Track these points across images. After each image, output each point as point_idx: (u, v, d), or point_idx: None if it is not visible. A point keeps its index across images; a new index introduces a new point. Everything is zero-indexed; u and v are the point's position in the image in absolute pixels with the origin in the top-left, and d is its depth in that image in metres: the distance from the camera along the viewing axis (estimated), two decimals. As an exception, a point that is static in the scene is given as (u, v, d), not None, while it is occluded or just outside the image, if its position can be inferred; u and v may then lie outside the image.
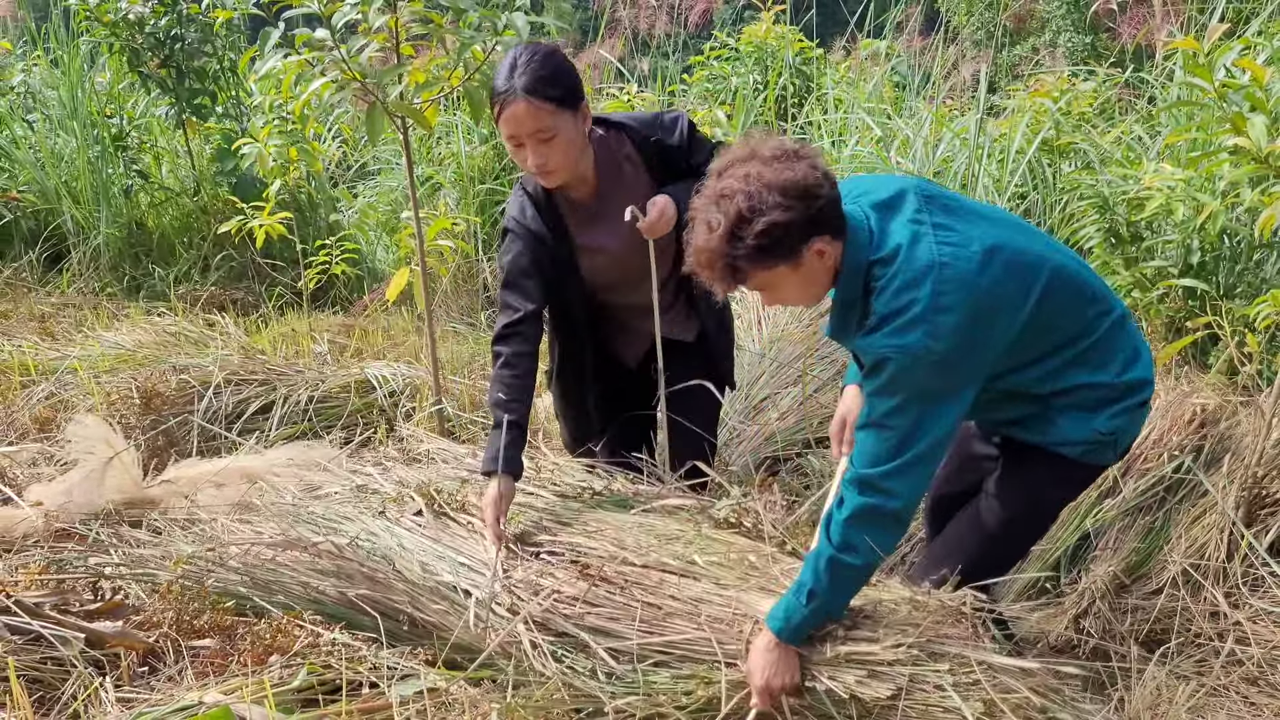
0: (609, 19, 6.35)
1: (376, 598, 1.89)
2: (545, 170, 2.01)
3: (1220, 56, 2.60)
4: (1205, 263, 3.08)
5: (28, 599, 1.85)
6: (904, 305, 1.51)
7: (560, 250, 2.15)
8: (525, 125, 1.95)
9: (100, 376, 3.26)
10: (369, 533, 2.03)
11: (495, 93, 1.97)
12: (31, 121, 5.49)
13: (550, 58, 1.96)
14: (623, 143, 2.16)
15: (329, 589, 1.93)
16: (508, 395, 2.06)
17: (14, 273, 5.03)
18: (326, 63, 2.53)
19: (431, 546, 1.98)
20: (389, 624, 1.86)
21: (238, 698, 1.64)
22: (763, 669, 1.57)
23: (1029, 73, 5.57)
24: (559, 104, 1.95)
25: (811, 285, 1.60)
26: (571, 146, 2.01)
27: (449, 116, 5.33)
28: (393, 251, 5.30)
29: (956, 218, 1.62)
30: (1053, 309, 1.63)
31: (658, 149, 2.16)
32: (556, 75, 1.95)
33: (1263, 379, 2.73)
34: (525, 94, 1.92)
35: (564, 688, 1.68)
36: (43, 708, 1.71)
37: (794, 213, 1.49)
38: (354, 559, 1.95)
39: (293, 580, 1.96)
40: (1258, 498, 2.23)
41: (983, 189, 3.72)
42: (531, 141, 1.97)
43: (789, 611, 1.57)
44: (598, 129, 2.15)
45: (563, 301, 2.21)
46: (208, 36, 4.90)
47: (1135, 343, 1.75)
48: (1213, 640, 2.06)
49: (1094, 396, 1.70)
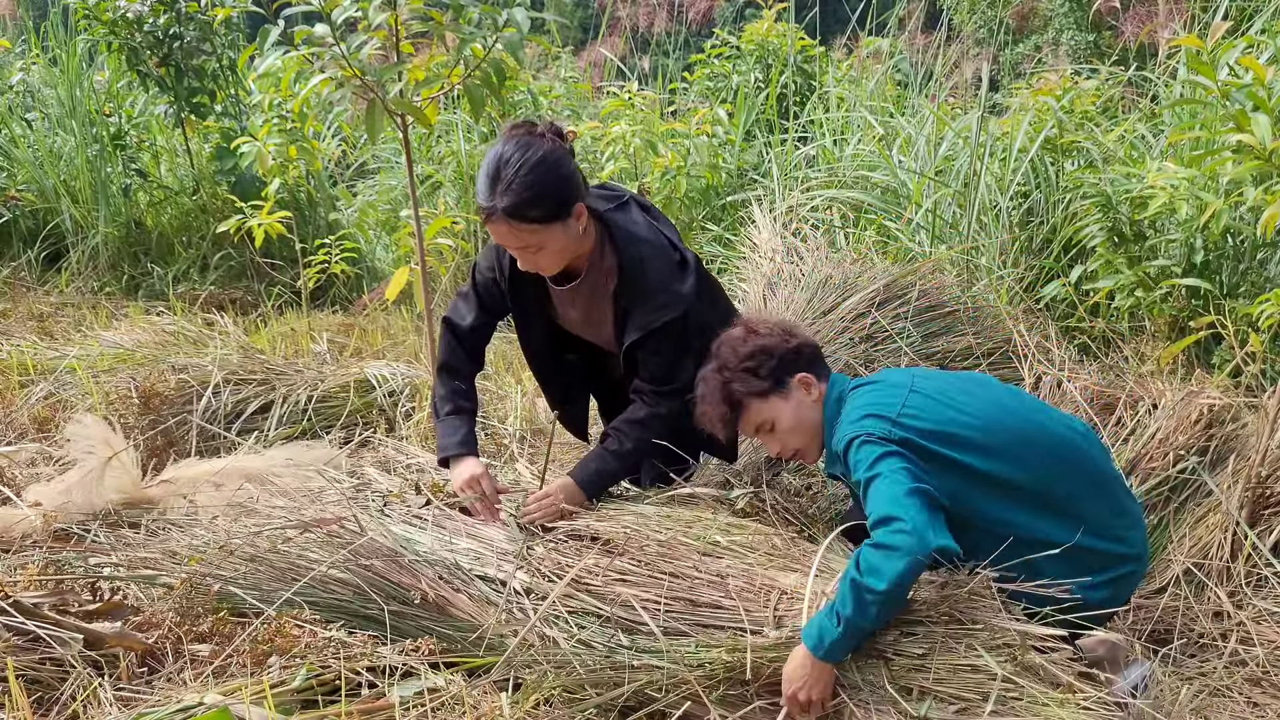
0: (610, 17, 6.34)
1: (396, 579, 1.88)
2: (538, 269, 2.01)
3: (1223, 54, 2.59)
4: (1208, 262, 3.07)
5: (26, 599, 1.84)
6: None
7: (527, 291, 2.17)
8: (509, 242, 1.95)
9: (99, 376, 3.25)
10: (380, 524, 2.03)
11: (479, 201, 1.92)
12: (30, 120, 5.48)
13: (536, 170, 1.87)
14: (611, 274, 2.07)
15: (343, 573, 1.91)
16: (454, 393, 2.18)
17: (13, 272, 5.03)
18: (326, 60, 2.52)
19: (444, 536, 1.98)
20: (401, 610, 1.85)
21: (237, 698, 1.63)
22: (795, 680, 1.59)
23: (1032, 71, 5.55)
24: (544, 223, 1.90)
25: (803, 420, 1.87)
26: (562, 252, 1.98)
27: (449, 114, 5.32)
28: (392, 250, 5.29)
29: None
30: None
31: (625, 311, 2.06)
32: (541, 194, 1.87)
33: (1266, 378, 2.72)
34: (507, 216, 1.87)
35: (592, 663, 1.68)
36: (42, 708, 1.70)
37: (773, 346, 1.87)
38: (376, 533, 1.96)
39: (304, 565, 1.95)
40: (1262, 498, 2.22)
41: (985, 188, 3.71)
42: (518, 251, 1.97)
43: (822, 631, 1.58)
44: (606, 227, 2.06)
45: (529, 327, 2.26)
46: (206, 35, 4.88)
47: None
48: (1216, 640, 2.05)
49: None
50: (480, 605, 1.83)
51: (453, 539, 1.97)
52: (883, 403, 1.77)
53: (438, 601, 1.85)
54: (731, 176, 4.86)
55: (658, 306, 2.00)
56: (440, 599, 1.85)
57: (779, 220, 3.67)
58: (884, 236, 3.89)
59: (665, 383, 2.06)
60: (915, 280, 2.95)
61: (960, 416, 1.74)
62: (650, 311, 2.01)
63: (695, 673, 1.63)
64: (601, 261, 2.07)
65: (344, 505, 2.06)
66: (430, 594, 1.85)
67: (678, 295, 2.02)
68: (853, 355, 2.77)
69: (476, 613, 1.82)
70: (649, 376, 2.07)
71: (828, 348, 3.20)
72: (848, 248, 3.56)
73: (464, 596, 1.85)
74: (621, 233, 2.04)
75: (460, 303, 2.24)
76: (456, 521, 2.03)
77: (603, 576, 1.79)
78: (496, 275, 2.17)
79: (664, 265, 2.04)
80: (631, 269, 2.02)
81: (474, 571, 1.88)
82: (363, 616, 1.91)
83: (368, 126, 2.61)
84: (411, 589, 1.86)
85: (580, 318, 2.18)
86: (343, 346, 3.99)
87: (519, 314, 2.22)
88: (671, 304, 2.01)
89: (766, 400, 1.85)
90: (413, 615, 1.88)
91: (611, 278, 2.06)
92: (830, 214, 4.04)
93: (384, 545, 1.94)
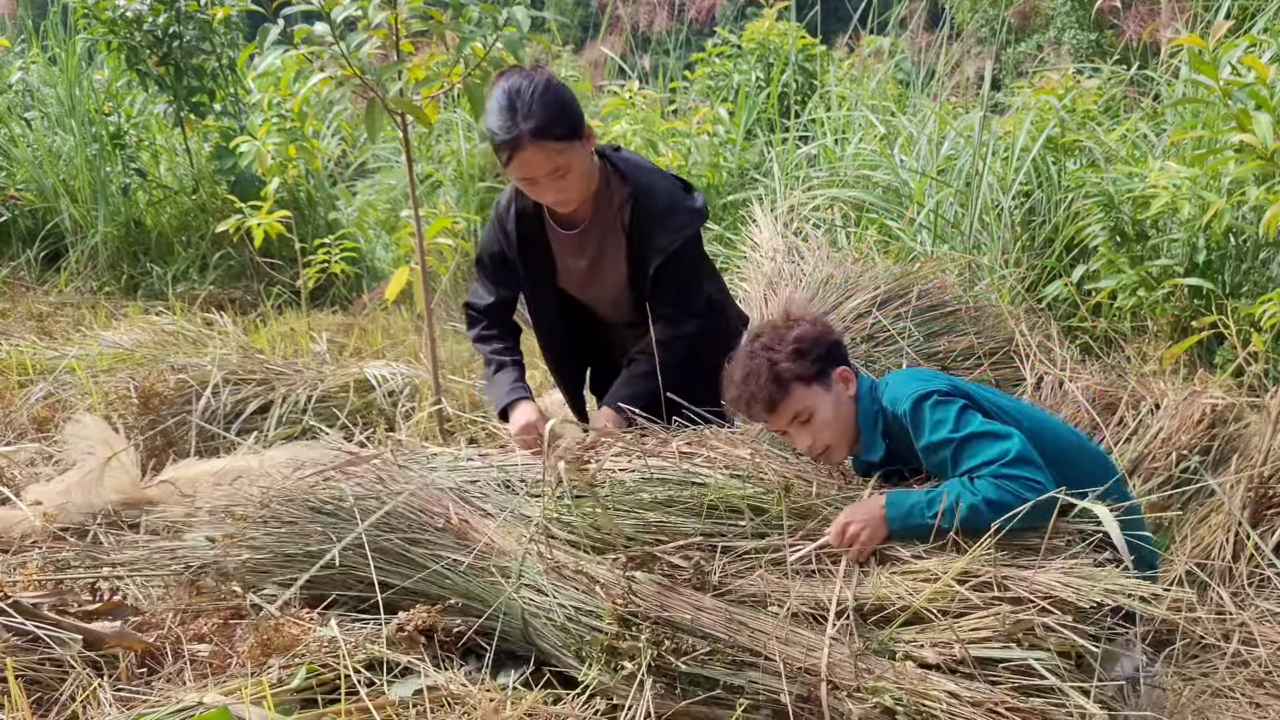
0: (610, 15, 6.34)
1: (421, 505, 1.91)
2: (562, 203, 2.03)
3: (1225, 54, 2.58)
4: (1211, 261, 3.07)
5: (26, 599, 1.83)
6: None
7: (536, 260, 2.19)
8: (541, 169, 1.94)
9: (98, 376, 3.24)
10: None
11: (499, 138, 1.92)
12: (29, 119, 5.47)
13: (549, 91, 1.91)
14: (623, 205, 2.11)
15: (375, 503, 1.93)
16: (494, 352, 2.23)
17: (12, 271, 5.02)
18: (326, 59, 2.51)
19: (470, 474, 2.03)
20: (414, 557, 1.86)
21: (237, 698, 1.63)
22: (856, 518, 1.67)
23: (1033, 70, 5.55)
24: (568, 140, 1.93)
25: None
26: (585, 177, 2.02)
27: (449, 113, 5.31)
28: (392, 250, 5.28)
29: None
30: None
31: (644, 238, 2.10)
32: (561, 112, 1.91)
33: (1269, 378, 2.71)
34: (535, 139, 1.88)
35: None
36: (41, 708, 1.69)
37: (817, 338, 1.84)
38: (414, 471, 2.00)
39: (339, 505, 1.95)
40: (1264, 498, 2.22)
41: (987, 187, 3.70)
42: (547, 180, 1.96)
43: (912, 512, 1.66)
44: (608, 163, 2.12)
45: (540, 297, 2.28)
46: (206, 34, 4.88)
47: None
48: (1218, 641, 2.04)
49: None
50: (501, 532, 1.86)
51: (479, 474, 2.01)
52: (927, 375, 1.82)
53: (461, 528, 1.87)
54: (732, 175, 4.85)
55: (676, 227, 2.08)
56: (463, 523, 1.87)
57: (780, 219, 3.67)
58: (885, 236, 3.89)
59: (686, 304, 2.14)
60: (916, 280, 2.95)
61: (983, 391, 1.83)
62: (669, 233, 2.07)
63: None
64: (610, 198, 2.11)
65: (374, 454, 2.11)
66: (454, 519, 1.87)
67: (692, 212, 2.11)
68: (854, 355, 2.76)
69: (498, 537, 1.85)
70: (672, 300, 2.13)
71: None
72: (849, 247, 3.56)
73: (487, 523, 1.88)
74: (626, 164, 2.12)
75: (477, 286, 2.31)
76: (485, 463, 2.07)
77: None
78: (502, 246, 2.19)
79: (671, 187, 2.13)
80: (643, 195, 2.09)
81: (496, 501, 1.93)
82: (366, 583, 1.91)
83: (367, 126, 2.60)
84: (437, 515, 1.89)
85: (587, 267, 2.18)
86: (342, 346, 3.98)
87: (529, 279, 2.24)
88: (688, 222, 2.09)
89: (810, 387, 1.81)
90: (431, 554, 1.88)
91: (624, 209, 2.11)
92: (831, 213, 4.03)
93: (414, 475, 1.98)
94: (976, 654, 1.51)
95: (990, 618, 1.53)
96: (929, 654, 1.53)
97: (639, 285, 2.15)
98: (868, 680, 1.49)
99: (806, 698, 1.51)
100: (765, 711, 1.54)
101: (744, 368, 1.83)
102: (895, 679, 1.49)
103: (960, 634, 1.52)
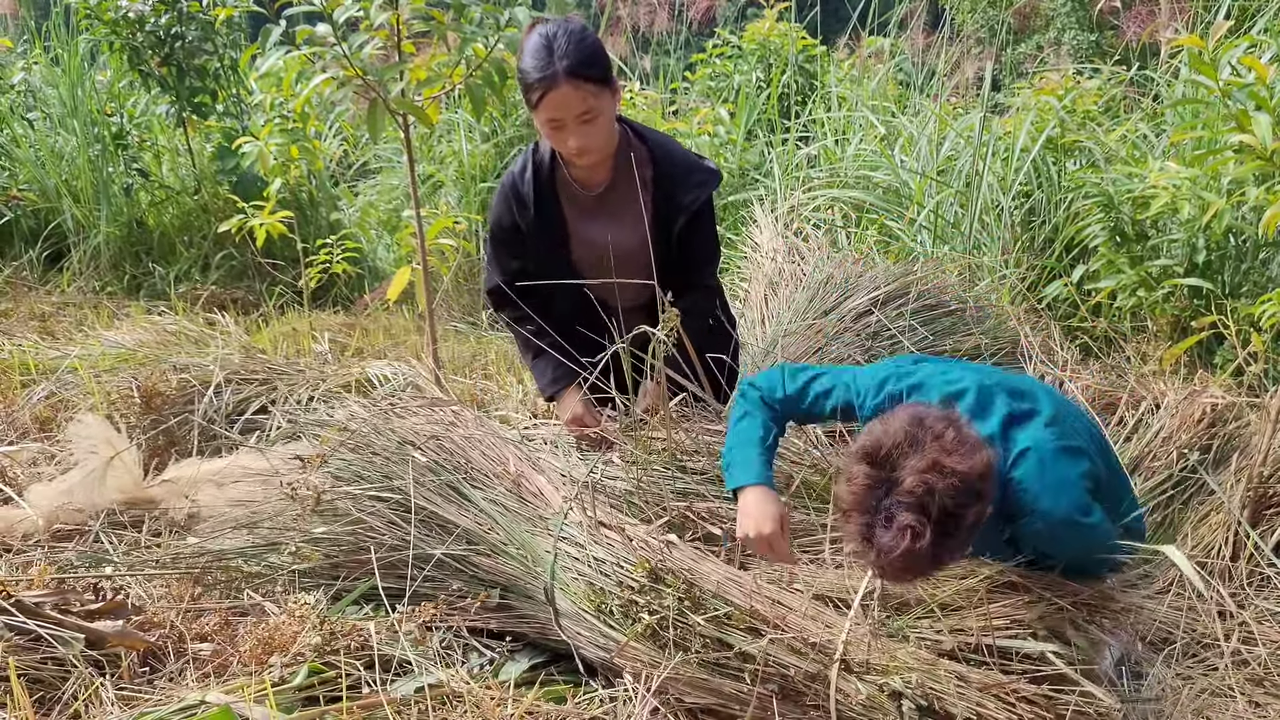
0: (610, 16, 6.34)
1: (483, 450, 1.99)
2: (585, 151, 2.01)
3: (1225, 54, 2.59)
4: (1210, 261, 3.07)
5: (28, 599, 1.84)
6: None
7: (549, 226, 2.17)
8: (573, 108, 1.93)
9: (100, 376, 3.25)
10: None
11: (533, 76, 1.92)
12: (32, 120, 5.48)
13: (585, 34, 1.95)
14: (644, 164, 2.14)
15: (431, 454, 2.00)
16: (531, 335, 2.23)
17: (14, 271, 5.02)
18: (328, 59, 2.52)
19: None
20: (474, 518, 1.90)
21: (239, 697, 1.63)
22: (741, 527, 1.71)
23: (1033, 70, 5.55)
24: (601, 84, 1.95)
25: None
26: (609, 129, 2.02)
27: (450, 114, 5.32)
28: (394, 250, 5.29)
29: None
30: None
31: (667, 196, 2.13)
32: (595, 54, 1.94)
33: (1269, 378, 2.72)
34: (570, 77, 1.89)
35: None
36: (43, 708, 1.70)
37: (989, 497, 1.51)
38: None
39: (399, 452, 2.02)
40: (1264, 497, 2.21)
41: (987, 187, 3.71)
42: (575, 123, 1.96)
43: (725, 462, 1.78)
44: (626, 128, 2.15)
45: (550, 272, 2.25)
46: (208, 34, 4.88)
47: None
48: (1218, 641, 2.04)
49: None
50: (554, 491, 1.92)
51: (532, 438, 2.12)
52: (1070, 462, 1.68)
53: (518, 480, 1.93)
54: (733, 176, 4.86)
55: (697, 184, 2.13)
56: (520, 475, 1.94)
57: (780, 220, 3.67)
58: (886, 236, 3.89)
59: (712, 260, 2.23)
60: (916, 280, 2.95)
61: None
62: (691, 189, 2.13)
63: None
64: (631, 155, 2.13)
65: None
66: (514, 469, 1.95)
67: (709, 170, 2.18)
68: (855, 355, 2.77)
69: (550, 495, 1.91)
70: (702, 257, 2.20)
71: (829, 347, 3.21)
72: (849, 247, 3.56)
73: (542, 478, 1.95)
74: (642, 127, 2.18)
75: (492, 267, 2.31)
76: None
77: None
78: (516, 216, 2.18)
79: (684, 150, 2.21)
80: (663, 155, 2.14)
81: (549, 462, 2.02)
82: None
83: (369, 126, 2.61)
84: (495, 462, 1.97)
85: (605, 229, 2.17)
86: (344, 346, 3.98)
87: (544, 246, 2.21)
88: (708, 179, 2.16)
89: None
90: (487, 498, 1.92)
91: (646, 167, 2.14)
92: (832, 214, 4.04)
93: (472, 419, 2.09)
94: (991, 643, 1.53)
95: (1008, 607, 1.56)
96: (945, 640, 1.54)
97: (660, 246, 2.13)
98: (879, 661, 1.51)
99: (815, 676, 1.52)
100: (771, 685, 1.55)
101: (910, 549, 1.43)
102: (906, 662, 1.51)
103: (978, 622, 1.54)
